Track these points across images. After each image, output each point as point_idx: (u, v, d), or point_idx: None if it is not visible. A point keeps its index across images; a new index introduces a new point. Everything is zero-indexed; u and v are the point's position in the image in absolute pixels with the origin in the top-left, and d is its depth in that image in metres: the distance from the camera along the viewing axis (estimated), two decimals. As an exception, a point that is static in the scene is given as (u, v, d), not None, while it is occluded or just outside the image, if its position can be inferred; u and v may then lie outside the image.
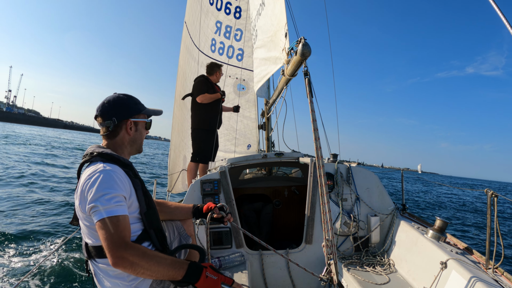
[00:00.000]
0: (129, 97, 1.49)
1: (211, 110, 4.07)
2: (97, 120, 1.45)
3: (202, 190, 2.54)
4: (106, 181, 1.20)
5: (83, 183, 1.22)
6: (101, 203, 1.16)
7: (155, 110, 1.57)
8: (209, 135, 4.09)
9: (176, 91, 5.78)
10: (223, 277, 1.25)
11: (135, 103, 1.48)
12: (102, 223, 1.15)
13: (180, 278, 1.19)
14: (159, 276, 1.18)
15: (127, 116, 1.44)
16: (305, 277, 2.39)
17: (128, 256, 1.12)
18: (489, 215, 1.83)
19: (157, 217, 1.45)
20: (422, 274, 2.03)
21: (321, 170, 1.52)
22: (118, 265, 1.12)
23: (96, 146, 1.40)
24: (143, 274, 1.15)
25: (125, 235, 1.16)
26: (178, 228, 1.67)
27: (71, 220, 1.45)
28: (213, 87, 4.12)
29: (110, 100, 1.44)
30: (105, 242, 1.14)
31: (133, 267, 1.13)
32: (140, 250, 1.16)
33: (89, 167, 1.29)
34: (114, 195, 1.20)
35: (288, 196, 3.46)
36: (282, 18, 1.98)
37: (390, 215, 2.60)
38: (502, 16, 1.09)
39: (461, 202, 18.81)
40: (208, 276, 1.21)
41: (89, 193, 1.19)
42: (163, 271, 1.17)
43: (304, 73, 1.66)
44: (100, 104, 1.44)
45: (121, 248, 1.12)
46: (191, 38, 5.47)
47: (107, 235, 1.13)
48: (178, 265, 1.20)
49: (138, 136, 1.50)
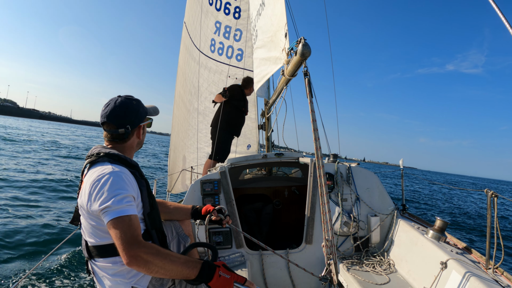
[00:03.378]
0: (138, 102, 1.47)
1: (239, 117, 4.48)
2: (105, 126, 1.41)
3: (202, 190, 2.54)
4: (116, 182, 1.22)
5: (92, 184, 1.22)
6: (113, 203, 1.17)
7: (155, 110, 1.60)
8: (230, 139, 4.49)
9: (175, 91, 5.78)
10: (236, 276, 1.26)
11: (142, 107, 1.49)
12: (115, 222, 1.16)
13: (193, 277, 1.19)
14: (173, 275, 1.18)
15: (139, 123, 1.46)
16: (305, 277, 2.39)
17: (142, 254, 1.13)
18: (489, 215, 1.83)
19: (159, 218, 1.46)
20: (422, 274, 2.03)
21: (321, 170, 1.52)
22: (132, 264, 1.13)
23: (101, 147, 1.40)
24: (157, 272, 1.15)
25: (138, 234, 1.18)
26: (176, 228, 1.68)
27: (71, 220, 1.45)
28: (245, 99, 4.46)
29: (122, 107, 1.40)
30: (118, 241, 1.14)
31: (147, 265, 1.13)
32: (154, 248, 1.17)
33: (95, 167, 1.29)
34: (125, 195, 1.21)
35: (288, 196, 3.46)
36: (282, 18, 1.98)
37: (390, 215, 2.60)
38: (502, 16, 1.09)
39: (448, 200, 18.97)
40: (221, 275, 1.22)
41: (100, 194, 1.19)
42: (177, 269, 1.17)
43: (304, 73, 1.66)
44: (109, 110, 1.39)
45: (134, 246, 1.13)
46: (191, 39, 5.47)
47: (120, 234, 1.14)
48: (192, 264, 1.21)
49: (143, 137, 1.54)
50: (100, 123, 1.43)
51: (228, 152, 4.48)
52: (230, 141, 4.53)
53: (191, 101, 5.73)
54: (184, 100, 5.73)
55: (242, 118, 4.54)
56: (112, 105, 1.40)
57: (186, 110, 5.76)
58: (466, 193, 25.70)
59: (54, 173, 11.49)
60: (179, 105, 5.78)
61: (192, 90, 5.69)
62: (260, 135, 6.07)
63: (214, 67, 5.68)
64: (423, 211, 13.25)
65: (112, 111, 1.39)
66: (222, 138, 4.30)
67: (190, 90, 5.69)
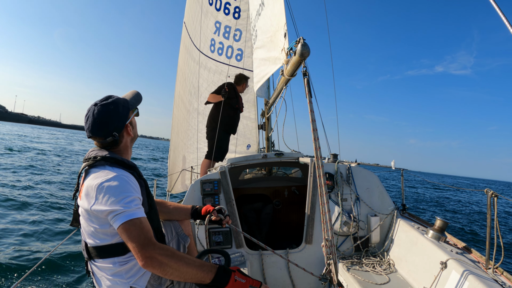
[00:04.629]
0: (115, 103, 1.37)
1: (235, 115, 4.48)
2: (92, 138, 1.37)
3: (202, 190, 2.54)
4: (122, 185, 1.21)
5: (97, 187, 1.21)
6: (123, 207, 1.16)
7: (137, 98, 1.51)
8: (227, 137, 4.49)
9: (175, 92, 5.79)
10: (251, 280, 1.25)
11: (122, 105, 1.39)
12: (127, 226, 1.15)
13: (208, 282, 1.18)
14: (187, 278, 1.17)
15: (124, 123, 1.40)
16: (305, 277, 2.39)
17: (157, 255, 1.12)
18: (489, 215, 1.82)
19: (158, 218, 1.46)
20: (422, 274, 2.03)
21: (320, 170, 1.52)
22: (147, 266, 1.12)
23: (98, 150, 1.38)
24: (171, 274, 1.14)
25: (151, 236, 1.17)
26: (176, 228, 1.68)
27: (71, 222, 1.46)
28: (237, 96, 4.44)
29: (101, 117, 1.33)
30: (132, 244, 1.14)
31: (162, 267, 1.13)
32: (169, 250, 1.17)
33: (96, 171, 1.28)
34: (133, 198, 1.21)
35: (288, 196, 3.45)
36: (281, 18, 1.98)
37: (390, 215, 2.60)
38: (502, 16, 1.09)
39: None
40: (237, 280, 1.21)
41: (107, 197, 1.18)
42: (192, 272, 1.16)
43: (303, 73, 1.66)
44: (90, 124, 1.33)
45: (150, 248, 1.13)
46: (191, 39, 5.47)
47: (134, 237, 1.14)
48: (207, 268, 1.19)
49: (135, 130, 1.50)
50: (87, 137, 1.38)
51: (226, 151, 4.49)
52: (228, 139, 4.54)
53: (190, 101, 5.73)
54: (184, 100, 5.73)
55: (237, 116, 4.56)
56: (91, 118, 1.33)
57: (185, 110, 5.76)
58: (466, 194, 25.70)
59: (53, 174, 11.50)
60: (179, 105, 5.79)
61: (191, 90, 5.69)
62: (260, 135, 6.07)
63: (213, 67, 5.68)
64: (437, 214, 13.06)
65: (94, 125, 1.33)
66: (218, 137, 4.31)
67: (190, 90, 5.69)
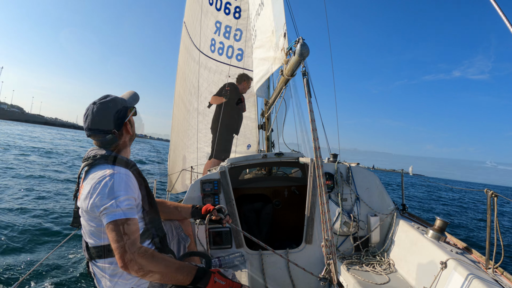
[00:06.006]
0: (113, 101, 1.39)
1: (238, 115, 4.57)
2: (92, 137, 1.38)
3: (202, 190, 2.54)
4: (117, 184, 1.21)
5: (93, 186, 1.21)
6: (113, 205, 1.17)
7: (135, 97, 1.52)
8: (232, 137, 4.61)
9: (175, 92, 5.78)
10: (231, 283, 1.25)
11: (120, 103, 1.41)
12: (113, 225, 1.15)
13: (188, 283, 1.19)
14: (167, 280, 1.17)
15: (123, 121, 1.41)
16: (305, 277, 2.39)
17: (137, 258, 1.13)
18: (489, 215, 1.82)
19: (158, 217, 1.46)
20: (422, 274, 2.03)
21: (319, 170, 1.52)
22: (127, 268, 1.13)
23: (97, 149, 1.38)
24: (151, 277, 1.15)
25: (135, 238, 1.17)
26: (176, 228, 1.68)
27: (71, 222, 1.46)
28: (238, 95, 4.49)
29: (100, 115, 1.34)
30: (115, 244, 1.14)
31: (142, 270, 1.13)
32: (148, 253, 1.17)
33: (95, 170, 1.28)
34: (126, 197, 1.21)
35: (288, 196, 3.45)
36: (280, 18, 1.98)
37: (390, 215, 2.60)
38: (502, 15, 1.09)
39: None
40: (217, 282, 1.21)
41: (101, 196, 1.19)
42: (171, 275, 1.17)
43: (303, 73, 1.66)
44: (89, 122, 1.34)
45: (130, 251, 1.13)
46: (191, 39, 5.47)
47: (117, 237, 1.14)
48: (187, 270, 1.20)
49: (133, 128, 1.50)
50: (86, 135, 1.39)
51: (229, 152, 4.56)
52: (232, 140, 4.62)
53: (190, 101, 5.73)
54: (184, 100, 5.73)
55: (241, 115, 4.62)
56: (90, 116, 1.35)
57: (186, 110, 5.76)
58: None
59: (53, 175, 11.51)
60: (179, 105, 5.79)
61: (192, 90, 5.69)
62: (260, 135, 6.07)
63: (214, 67, 5.68)
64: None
65: (93, 123, 1.34)
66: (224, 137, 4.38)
67: (190, 90, 5.69)
